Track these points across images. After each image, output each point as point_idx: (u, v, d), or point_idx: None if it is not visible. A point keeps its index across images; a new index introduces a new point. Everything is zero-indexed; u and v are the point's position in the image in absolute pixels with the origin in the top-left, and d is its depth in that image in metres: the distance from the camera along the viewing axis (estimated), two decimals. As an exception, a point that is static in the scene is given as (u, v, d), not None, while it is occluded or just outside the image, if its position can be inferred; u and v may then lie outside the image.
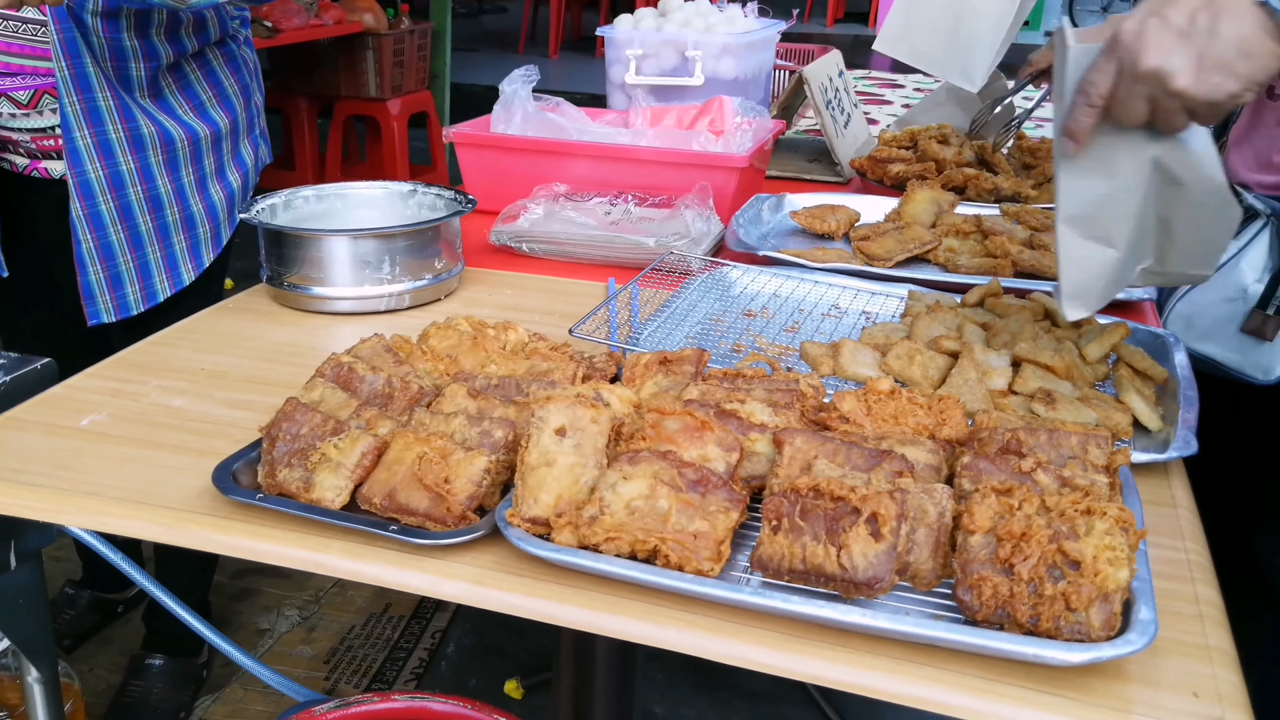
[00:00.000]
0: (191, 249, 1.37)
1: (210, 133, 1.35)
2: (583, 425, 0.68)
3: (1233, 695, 0.57)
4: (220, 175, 1.39)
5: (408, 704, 0.86)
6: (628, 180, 1.35)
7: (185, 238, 1.37)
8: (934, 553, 0.62)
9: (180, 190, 1.34)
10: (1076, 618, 0.57)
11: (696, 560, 0.61)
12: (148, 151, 1.29)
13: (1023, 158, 1.72)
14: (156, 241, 1.33)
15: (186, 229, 1.37)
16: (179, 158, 1.33)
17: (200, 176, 1.36)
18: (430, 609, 1.97)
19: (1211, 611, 0.65)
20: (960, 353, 0.91)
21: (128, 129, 1.26)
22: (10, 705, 1.14)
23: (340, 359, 0.85)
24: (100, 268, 1.29)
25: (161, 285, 1.35)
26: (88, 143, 1.23)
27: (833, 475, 0.63)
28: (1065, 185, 0.78)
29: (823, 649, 0.59)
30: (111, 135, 1.25)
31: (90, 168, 1.24)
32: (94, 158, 1.24)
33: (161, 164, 1.31)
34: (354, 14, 3.86)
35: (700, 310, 1.07)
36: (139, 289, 1.33)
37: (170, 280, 1.37)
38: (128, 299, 1.32)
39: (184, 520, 0.73)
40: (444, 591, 0.66)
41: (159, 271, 1.35)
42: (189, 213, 1.36)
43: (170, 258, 1.35)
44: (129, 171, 1.27)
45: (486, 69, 6.46)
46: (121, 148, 1.26)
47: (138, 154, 1.28)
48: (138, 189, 1.29)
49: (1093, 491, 0.64)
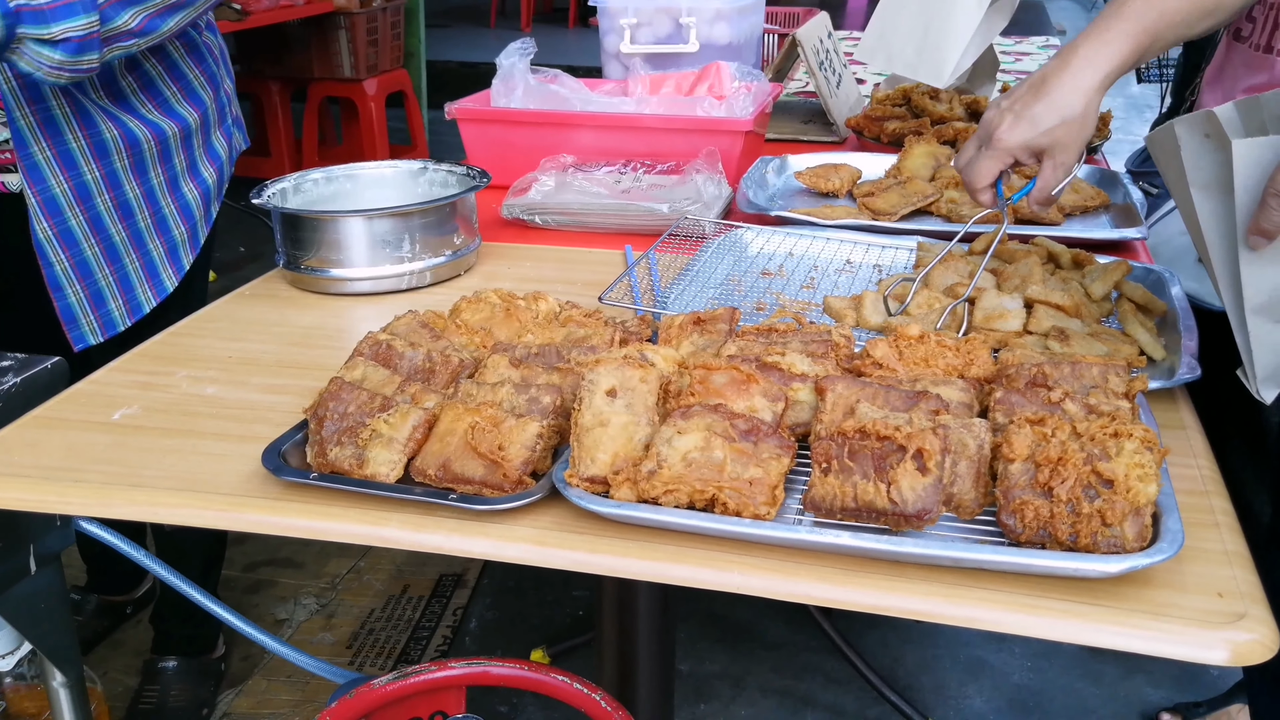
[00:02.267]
0: (170, 253, 1.29)
1: (179, 129, 1.27)
2: (632, 385, 0.71)
3: (1252, 593, 0.62)
4: (193, 172, 1.31)
5: (467, 670, 0.88)
6: (634, 148, 1.36)
7: (161, 242, 1.29)
8: (976, 483, 0.65)
9: (150, 193, 1.25)
10: (1112, 532, 0.61)
11: (754, 505, 0.65)
12: (112, 157, 1.20)
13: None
14: (133, 250, 1.25)
15: (160, 232, 1.28)
16: (145, 160, 1.24)
17: (171, 176, 1.28)
18: (449, 587, 2.00)
19: (1227, 520, 0.70)
20: (975, 299, 0.94)
21: (88, 136, 1.17)
22: (29, 715, 1.15)
23: (378, 337, 0.87)
24: (79, 287, 1.20)
25: (145, 296, 1.27)
26: (47, 155, 1.14)
27: (875, 416, 0.66)
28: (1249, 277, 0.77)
29: (879, 580, 0.63)
30: (72, 145, 1.16)
31: (53, 182, 1.15)
32: (56, 171, 1.15)
33: (128, 168, 1.22)
34: (324, -7, 3.79)
35: (719, 272, 1.09)
36: (122, 303, 1.25)
37: (153, 289, 1.28)
38: (112, 315, 1.24)
39: (239, 505, 0.74)
40: (508, 554, 0.69)
41: (140, 282, 1.26)
42: (160, 215, 1.27)
43: (149, 266, 1.27)
44: (94, 180, 1.19)
45: (460, 45, 6.36)
46: (84, 156, 1.17)
47: (102, 161, 1.19)
48: (105, 197, 1.20)
49: (1119, 416, 0.68)
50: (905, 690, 1.69)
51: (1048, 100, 0.82)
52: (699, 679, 1.73)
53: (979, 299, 0.93)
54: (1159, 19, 0.81)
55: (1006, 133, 0.84)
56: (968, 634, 1.81)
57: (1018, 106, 0.84)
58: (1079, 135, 0.84)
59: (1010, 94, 0.87)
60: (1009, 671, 1.75)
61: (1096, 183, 1.39)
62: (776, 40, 2.15)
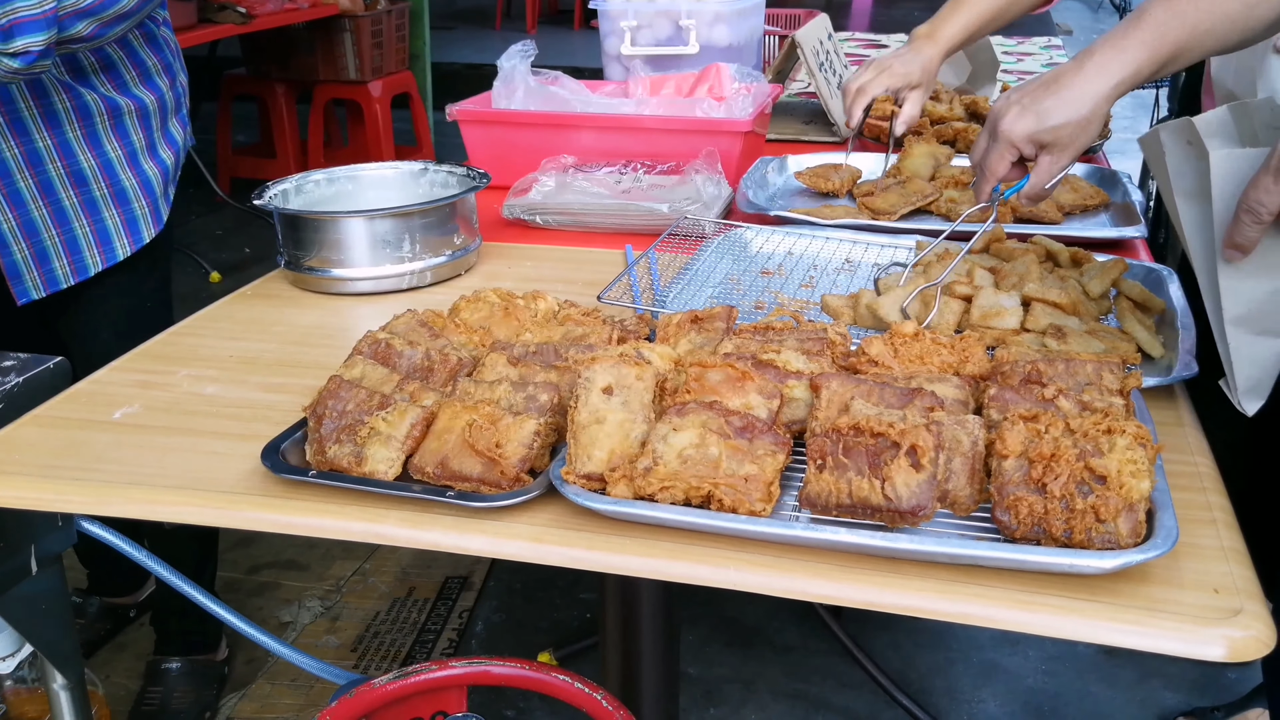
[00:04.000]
0: (128, 223, 1.34)
1: (135, 107, 1.32)
2: (629, 383, 0.71)
3: (1248, 589, 0.62)
4: (152, 151, 1.36)
5: (467, 669, 0.88)
6: (634, 149, 1.36)
7: (119, 212, 1.34)
8: (970, 479, 0.65)
9: (107, 164, 1.30)
10: (1106, 528, 0.61)
11: (749, 502, 0.65)
12: (64, 127, 1.26)
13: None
14: (84, 216, 1.30)
15: (119, 204, 1.33)
16: (98, 131, 1.29)
17: (129, 151, 1.33)
18: (455, 590, 2.00)
19: (1223, 516, 0.70)
20: (973, 296, 0.94)
21: (40, 105, 1.24)
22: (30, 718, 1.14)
23: (377, 336, 0.87)
24: (24, 244, 1.27)
25: (92, 258, 1.32)
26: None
27: (870, 413, 0.66)
28: (1227, 288, 0.77)
29: (874, 576, 0.63)
30: (24, 113, 1.22)
31: (4, 146, 1.22)
32: (7, 136, 1.22)
33: (81, 138, 1.27)
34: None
35: (719, 271, 1.10)
36: (67, 263, 1.31)
37: (102, 253, 1.33)
38: (55, 273, 1.30)
39: (237, 502, 0.74)
40: (505, 551, 0.69)
41: (89, 246, 1.32)
42: (119, 187, 1.33)
43: (102, 232, 1.33)
44: (46, 148, 1.25)
45: (465, 47, 6.38)
46: (35, 124, 1.23)
47: (53, 130, 1.25)
48: (58, 164, 1.27)
49: (1111, 413, 0.68)
50: (918, 694, 1.67)
51: (1057, 98, 0.83)
52: (709, 682, 1.73)
53: (976, 297, 0.93)
54: (1182, 31, 0.79)
55: (1012, 123, 0.85)
56: (981, 637, 1.80)
57: (1026, 100, 0.85)
58: (1082, 136, 0.84)
59: (1022, 86, 0.87)
60: (1023, 675, 1.74)
61: (1097, 182, 1.39)
62: (777, 42, 2.16)
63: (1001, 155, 0.87)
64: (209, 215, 4.05)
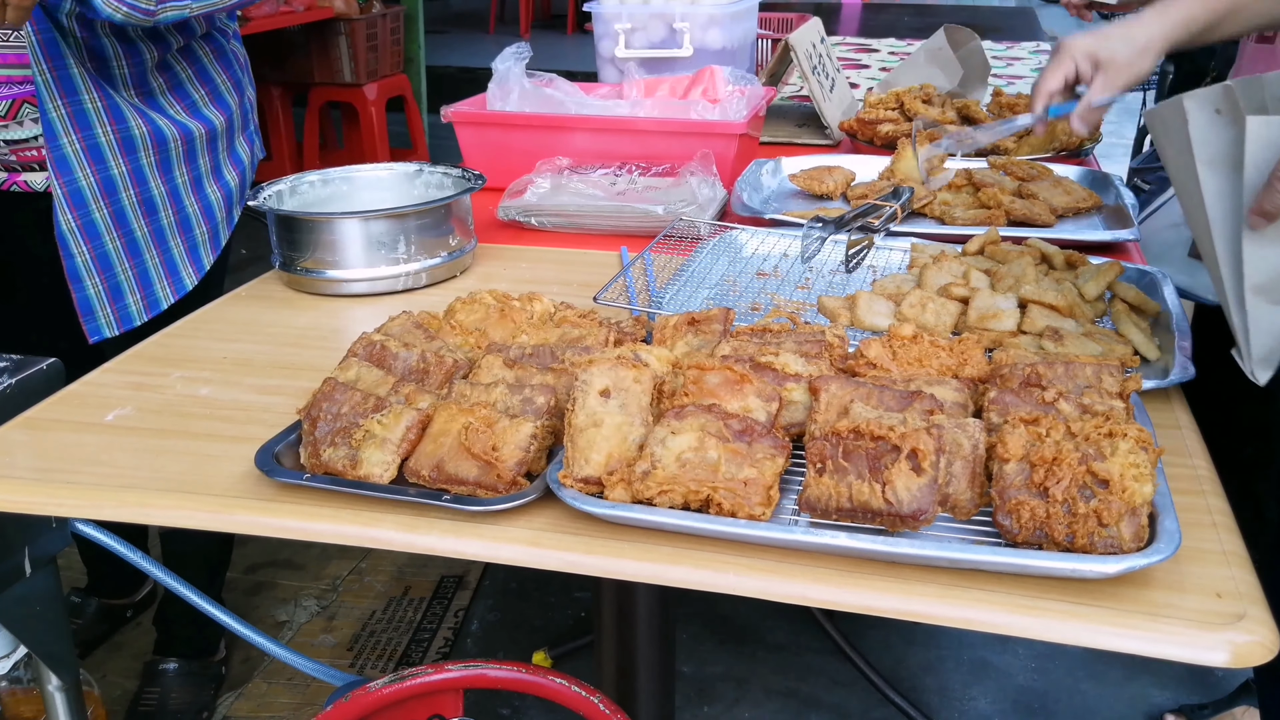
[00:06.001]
0: (190, 252, 1.32)
1: (205, 131, 1.31)
2: (626, 385, 0.71)
3: (1251, 593, 0.62)
4: (216, 174, 1.34)
5: (463, 673, 0.87)
6: (629, 151, 1.36)
7: (183, 240, 1.31)
8: (971, 483, 0.65)
9: (175, 191, 1.29)
10: (1109, 532, 0.60)
11: (748, 506, 0.64)
12: (139, 153, 1.23)
13: (1001, 112, 1.77)
14: (154, 247, 1.27)
15: (183, 231, 1.31)
16: (171, 158, 1.28)
17: (195, 176, 1.31)
18: (451, 589, 1.99)
19: (1224, 520, 0.69)
20: (969, 298, 0.94)
21: (118, 131, 1.21)
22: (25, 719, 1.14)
23: (372, 337, 0.87)
24: (99, 280, 1.23)
25: (163, 292, 1.29)
26: (76, 148, 1.17)
27: (870, 416, 0.66)
28: (1251, 256, 0.77)
29: (874, 581, 0.63)
30: (101, 139, 1.19)
31: (80, 174, 1.18)
32: (83, 164, 1.18)
33: (154, 165, 1.25)
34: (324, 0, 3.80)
35: (715, 273, 1.09)
36: (140, 298, 1.27)
37: (172, 287, 1.30)
38: (129, 310, 1.26)
39: (230, 506, 0.73)
40: (501, 555, 0.69)
41: (159, 279, 1.28)
42: (184, 214, 1.31)
43: (170, 263, 1.30)
44: (120, 175, 1.22)
45: (459, 51, 6.38)
46: (112, 150, 1.20)
47: (129, 156, 1.22)
48: (130, 193, 1.23)
49: (1112, 416, 0.68)
50: (909, 692, 1.68)
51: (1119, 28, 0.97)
52: (702, 681, 1.73)
53: (973, 299, 0.93)
54: None
55: (1075, 40, 0.98)
56: (972, 635, 1.81)
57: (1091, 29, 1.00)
58: (1134, 62, 0.96)
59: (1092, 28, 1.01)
60: (1013, 673, 1.75)
61: (1089, 185, 1.39)
62: (771, 45, 2.16)
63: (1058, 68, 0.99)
64: (202, 217, 4.03)
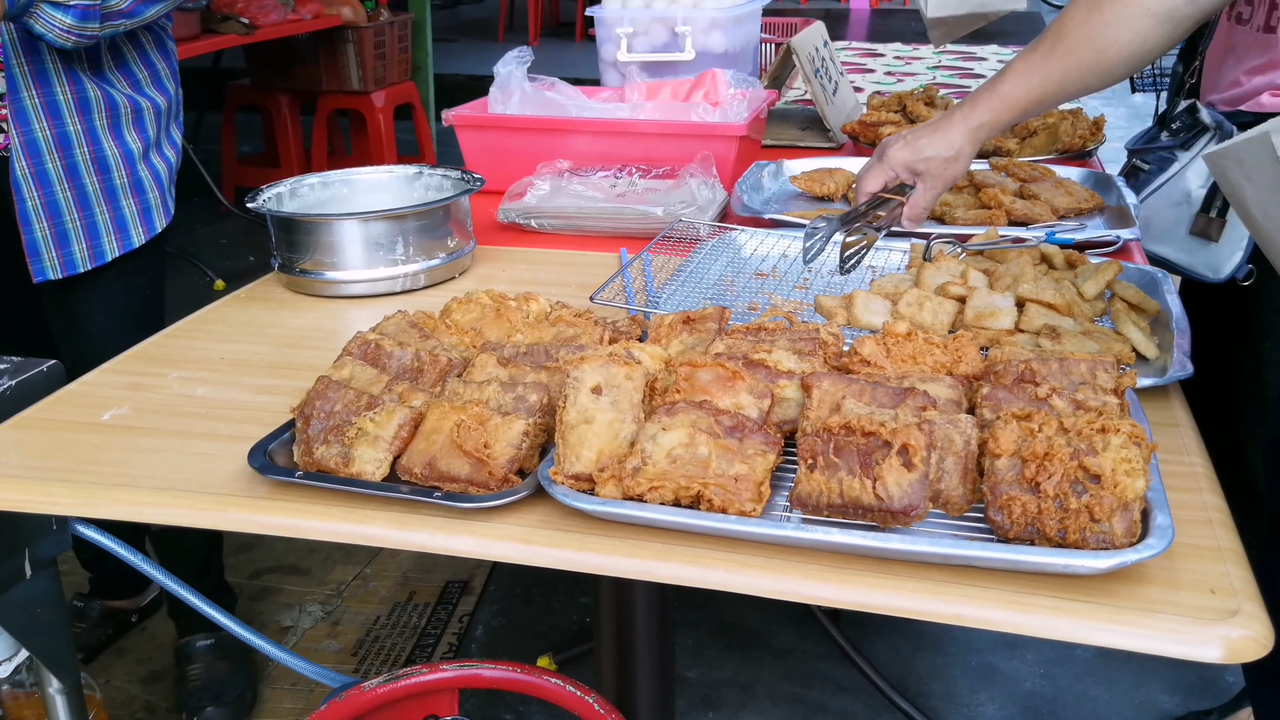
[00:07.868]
0: (143, 213, 1.39)
1: (150, 106, 1.38)
2: (618, 382, 0.71)
3: (1246, 589, 0.61)
4: (159, 148, 1.42)
5: (457, 673, 0.87)
6: (629, 153, 1.36)
7: (135, 201, 1.38)
8: (963, 479, 0.65)
9: (128, 155, 1.35)
10: (1101, 528, 0.60)
11: (739, 502, 0.64)
12: (93, 114, 1.30)
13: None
14: (104, 202, 1.34)
15: (136, 193, 1.38)
16: (122, 123, 1.34)
17: (146, 145, 1.38)
18: (456, 593, 1.99)
19: (1219, 516, 0.69)
20: (967, 297, 0.94)
21: (75, 92, 1.28)
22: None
23: (366, 336, 0.87)
24: (46, 224, 1.30)
25: (110, 245, 1.36)
26: (35, 103, 1.25)
27: (862, 413, 0.66)
28: None
29: (866, 577, 0.62)
30: (59, 97, 1.27)
31: (37, 127, 1.26)
32: (41, 119, 1.26)
33: (106, 127, 1.32)
34: (332, 8, 3.84)
35: (713, 273, 1.09)
36: (86, 247, 1.34)
37: (119, 241, 1.36)
38: (74, 256, 1.33)
39: (223, 504, 0.74)
40: (492, 552, 0.69)
41: (107, 232, 1.35)
42: (137, 177, 1.37)
43: (119, 220, 1.37)
44: (75, 133, 1.29)
45: (468, 59, 6.42)
46: (69, 108, 1.28)
47: (84, 116, 1.29)
48: (84, 150, 1.31)
49: (1105, 411, 0.67)
50: (916, 698, 1.66)
51: (933, 137, 1.02)
52: (707, 686, 1.72)
53: (970, 297, 0.93)
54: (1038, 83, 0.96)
55: (896, 152, 1.05)
56: (979, 640, 1.79)
57: (910, 136, 1.04)
58: (948, 171, 1.03)
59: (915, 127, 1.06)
60: (1021, 678, 1.73)
61: (1091, 186, 1.38)
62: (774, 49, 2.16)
63: (877, 175, 1.06)
64: (213, 224, 4.07)
